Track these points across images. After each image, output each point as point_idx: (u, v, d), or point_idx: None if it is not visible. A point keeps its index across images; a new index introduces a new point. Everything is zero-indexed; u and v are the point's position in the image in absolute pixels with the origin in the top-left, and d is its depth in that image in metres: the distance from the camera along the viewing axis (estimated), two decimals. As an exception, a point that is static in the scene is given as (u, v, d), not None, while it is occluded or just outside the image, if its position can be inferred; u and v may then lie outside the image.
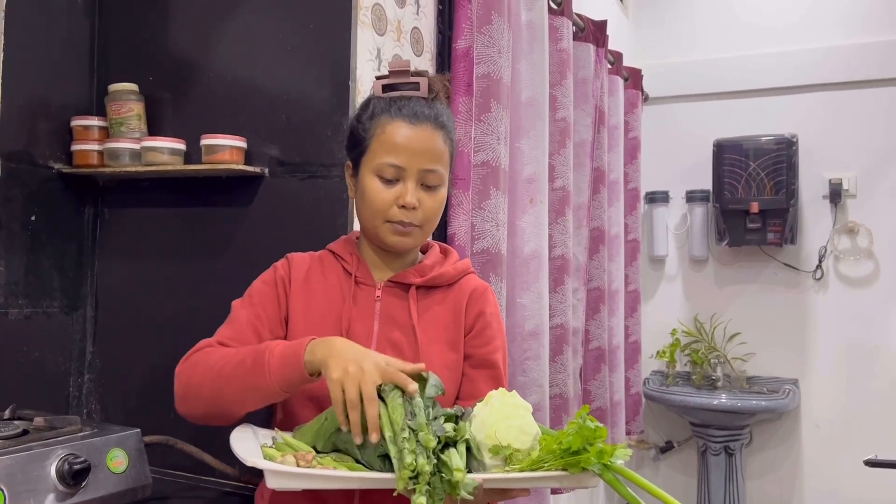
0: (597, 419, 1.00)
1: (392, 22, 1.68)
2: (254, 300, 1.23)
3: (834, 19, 3.42)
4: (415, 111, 1.19)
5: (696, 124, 3.61)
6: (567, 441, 0.99)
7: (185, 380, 1.15)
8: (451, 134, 1.24)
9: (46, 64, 1.67)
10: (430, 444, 0.95)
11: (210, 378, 1.11)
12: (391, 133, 1.18)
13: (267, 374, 1.05)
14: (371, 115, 1.21)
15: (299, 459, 0.99)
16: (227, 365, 1.10)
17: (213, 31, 1.68)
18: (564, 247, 2.37)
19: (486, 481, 0.97)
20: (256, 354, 1.08)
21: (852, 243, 3.38)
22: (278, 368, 1.05)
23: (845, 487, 3.32)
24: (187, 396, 1.15)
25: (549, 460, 1.00)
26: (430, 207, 1.20)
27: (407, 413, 0.99)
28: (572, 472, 0.98)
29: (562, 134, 2.37)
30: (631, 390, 3.28)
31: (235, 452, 1.01)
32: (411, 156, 1.17)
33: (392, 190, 1.18)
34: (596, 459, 0.97)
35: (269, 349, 1.07)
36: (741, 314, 3.54)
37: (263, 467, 0.94)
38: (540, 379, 2.09)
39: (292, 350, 1.06)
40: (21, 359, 1.62)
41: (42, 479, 1.15)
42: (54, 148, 1.68)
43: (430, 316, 1.24)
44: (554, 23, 2.35)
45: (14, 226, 1.60)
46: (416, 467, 0.93)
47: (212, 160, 1.55)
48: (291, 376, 1.05)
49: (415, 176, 1.18)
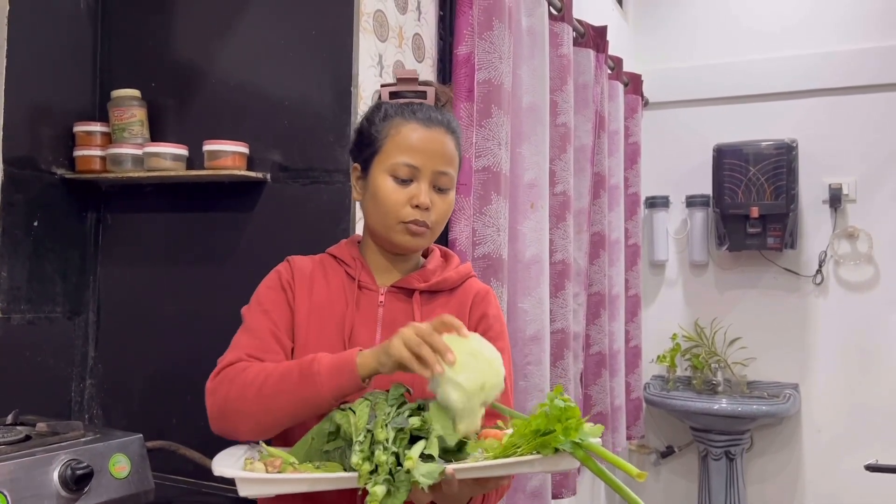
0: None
1: (394, 28, 1.69)
2: (266, 307, 1.22)
3: (833, 24, 3.44)
4: (429, 115, 1.21)
5: (695, 129, 3.62)
6: (537, 422, 0.97)
7: (222, 397, 1.12)
8: (460, 140, 1.26)
9: (49, 70, 1.68)
10: (380, 437, 0.96)
11: (252, 394, 1.09)
12: (406, 134, 1.19)
13: (318, 384, 1.05)
14: (384, 117, 1.22)
15: (268, 465, 1.00)
16: (270, 378, 1.09)
17: (215, 37, 1.68)
18: (565, 252, 2.38)
19: (458, 471, 0.96)
20: (302, 366, 1.08)
21: (852, 248, 3.39)
22: (330, 378, 1.05)
23: (846, 492, 3.32)
24: (226, 414, 1.12)
25: (522, 444, 0.98)
26: (441, 210, 1.21)
27: (370, 418, 1.01)
28: (545, 454, 0.96)
29: (562, 139, 2.38)
30: (631, 395, 3.28)
31: (212, 464, 1.00)
32: (426, 157, 1.18)
33: (406, 190, 1.18)
34: (564, 437, 0.95)
35: (316, 360, 1.08)
36: (741, 319, 3.54)
37: (231, 475, 0.94)
38: (541, 384, 2.09)
39: (344, 359, 1.07)
40: (23, 364, 1.62)
41: (45, 484, 1.15)
42: (57, 153, 1.68)
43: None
44: (554, 28, 2.36)
45: (17, 231, 1.60)
46: (375, 460, 0.95)
47: (214, 166, 1.56)
48: (345, 384, 1.05)
49: (428, 177, 1.19)
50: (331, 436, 1.07)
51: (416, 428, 0.99)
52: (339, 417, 1.05)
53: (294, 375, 1.08)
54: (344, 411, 1.06)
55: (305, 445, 1.09)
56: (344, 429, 1.04)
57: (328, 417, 1.08)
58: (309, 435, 1.09)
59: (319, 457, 1.08)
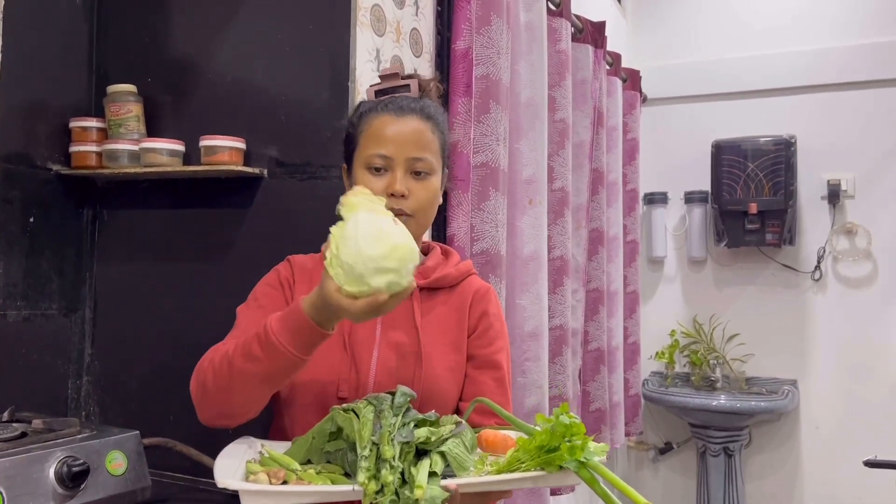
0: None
1: (391, 23, 1.68)
2: (260, 302, 1.22)
3: (832, 20, 3.43)
4: (400, 105, 1.21)
5: (694, 125, 3.62)
6: (542, 439, 0.96)
7: (200, 388, 1.11)
8: (440, 126, 1.24)
9: (45, 65, 1.67)
10: (386, 455, 0.96)
11: (224, 377, 1.07)
12: (378, 126, 1.20)
13: (283, 350, 1.01)
14: (360, 115, 1.24)
15: (271, 477, 0.99)
16: (235, 359, 1.05)
17: (212, 32, 1.67)
18: (563, 248, 2.37)
19: (461, 486, 0.96)
20: (258, 339, 1.03)
21: (851, 244, 3.38)
22: (291, 339, 1.01)
23: (845, 488, 3.32)
24: (205, 402, 1.11)
25: (526, 460, 0.98)
26: (422, 196, 1.19)
27: (375, 427, 1.00)
28: (549, 471, 0.96)
29: (560, 135, 2.37)
30: (630, 391, 3.28)
31: (214, 472, 1.00)
32: (397, 145, 1.18)
33: (381, 180, 1.18)
34: (569, 456, 0.94)
35: (267, 329, 1.03)
36: (740, 315, 3.54)
37: (235, 487, 0.94)
38: (539, 380, 2.08)
39: (293, 319, 1.02)
40: (19, 361, 1.61)
41: (41, 481, 1.15)
42: (53, 149, 1.67)
43: (434, 318, 1.24)
44: (553, 24, 2.35)
45: (12, 228, 1.59)
46: (381, 480, 0.94)
47: (211, 161, 1.55)
48: (310, 339, 1.01)
49: (403, 165, 1.18)
50: (331, 435, 1.07)
51: (421, 442, 0.99)
52: (342, 419, 1.04)
53: (256, 350, 1.03)
54: (347, 412, 1.05)
55: (306, 444, 1.09)
56: (347, 432, 1.03)
57: (329, 417, 1.07)
58: (309, 434, 1.09)
59: (319, 456, 1.08)
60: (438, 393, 1.20)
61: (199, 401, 1.12)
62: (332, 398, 1.17)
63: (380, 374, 1.19)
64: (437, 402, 1.17)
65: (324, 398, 1.17)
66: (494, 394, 1.22)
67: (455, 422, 1.06)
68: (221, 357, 1.08)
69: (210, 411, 1.12)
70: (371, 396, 1.07)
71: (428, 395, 1.17)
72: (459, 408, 1.24)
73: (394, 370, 1.19)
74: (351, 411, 1.05)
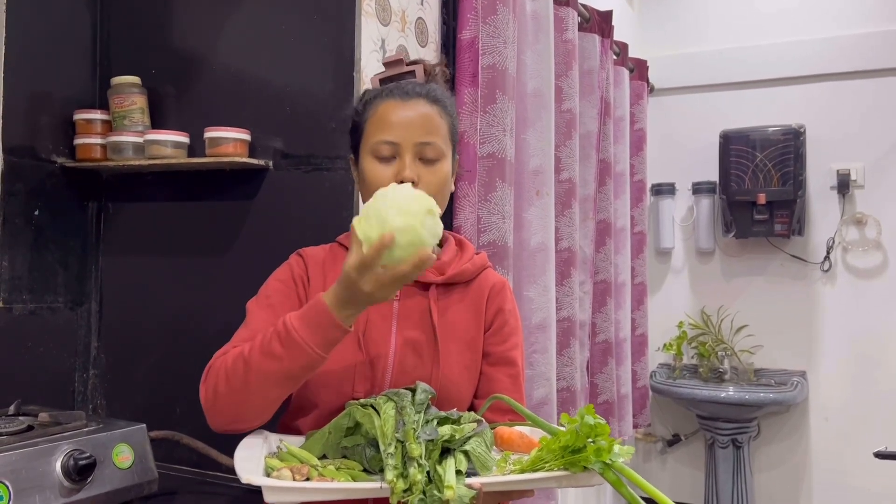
0: (604, 412, 0.99)
1: (396, 12, 1.67)
2: (272, 300, 1.19)
3: (841, 8, 3.39)
4: (406, 89, 1.18)
5: (702, 115, 3.59)
6: (566, 439, 0.96)
7: (211, 392, 1.08)
8: (448, 109, 1.21)
9: (48, 57, 1.66)
10: (414, 453, 0.95)
11: (239, 378, 1.04)
12: (383, 112, 1.17)
13: (304, 347, 1.00)
14: (365, 103, 1.21)
15: (295, 473, 0.99)
16: (253, 358, 1.03)
17: (216, 22, 1.66)
18: (571, 239, 2.36)
19: (486, 485, 0.95)
20: (278, 337, 1.02)
21: (860, 234, 3.36)
22: (313, 336, 1.00)
23: (854, 480, 3.30)
24: (217, 406, 1.08)
25: (550, 459, 0.98)
26: (432, 182, 1.16)
27: (398, 424, 0.99)
28: (573, 472, 0.96)
29: (567, 125, 2.36)
30: (638, 383, 3.27)
31: (235, 467, 0.99)
32: (405, 130, 1.15)
33: (390, 167, 1.15)
34: (594, 458, 0.94)
35: (287, 326, 1.01)
36: (748, 306, 3.52)
37: (259, 483, 0.93)
38: (547, 372, 2.07)
39: (314, 314, 1.01)
40: (25, 354, 1.61)
41: (47, 474, 1.15)
42: (57, 142, 1.66)
43: (450, 315, 1.22)
44: (559, 13, 2.33)
45: (17, 221, 1.59)
46: (409, 478, 0.94)
47: (215, 153, 1.54)
48: (332, 336, 1.01)
49: (411, 150, 1.15)
50: (348, 431, 1.06)
51: (445, 440, 0.99)
52: (360, 415, 1.04)
53: (276, 349, 1.01)
54: (365, 408, 1.04)
55: (322, 439, 1.08)
56: (366, 428, 1.02)
57: (346, 412, 1.06)
58: (326, 428, 1.08)
59: (336, 451, 1.07)
60: (455, 392, 1.18)
61: (211, 406, 1.09)
62: (346, 398, 1.14)
63: (396, 374, 1.17)
64: (453, 401, 1.15)
65: (338, 398, 1.14)
66: (509, 391, 1.20)
67: (475, 420, 1.05)
68: (235, 358, 1.06)
69: (222, 417, 1.09)
70: (390, 392, 1.06)
71: (444, 395, 1.15)
72: (474, 405, 1.23)
73: (410, 369, 1.17)
74: (370, 406, 1.04)
